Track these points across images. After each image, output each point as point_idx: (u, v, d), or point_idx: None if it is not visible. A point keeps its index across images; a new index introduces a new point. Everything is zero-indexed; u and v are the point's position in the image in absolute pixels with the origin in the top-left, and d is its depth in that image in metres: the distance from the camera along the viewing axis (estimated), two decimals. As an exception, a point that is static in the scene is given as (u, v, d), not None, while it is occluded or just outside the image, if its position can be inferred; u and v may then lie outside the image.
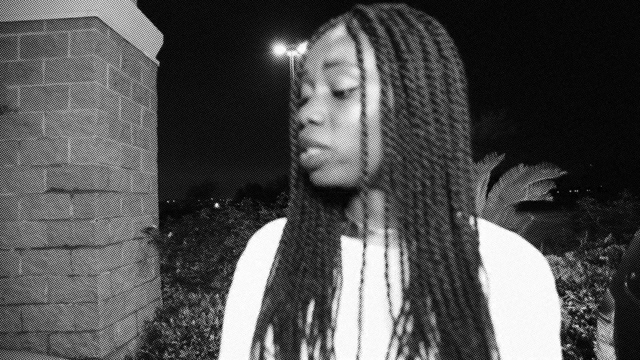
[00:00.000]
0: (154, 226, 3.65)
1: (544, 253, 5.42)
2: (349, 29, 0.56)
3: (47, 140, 2.82)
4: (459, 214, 0.52)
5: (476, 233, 0.53)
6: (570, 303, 3.49)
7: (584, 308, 3.42)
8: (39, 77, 2.83)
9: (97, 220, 2.80)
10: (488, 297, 0.51)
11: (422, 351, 0.50)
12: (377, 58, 0.53)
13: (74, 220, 2.79)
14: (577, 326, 3.33)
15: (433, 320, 0.50)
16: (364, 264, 0.55)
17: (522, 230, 3.71)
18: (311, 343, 0.56)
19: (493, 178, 3.95)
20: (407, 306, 0.52)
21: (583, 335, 3.28)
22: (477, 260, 0.52)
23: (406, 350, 0.51)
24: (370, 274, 0.58)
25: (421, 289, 0.51)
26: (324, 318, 0.57)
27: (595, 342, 2.73)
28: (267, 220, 4.49)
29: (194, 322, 3.31)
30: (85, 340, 2.75)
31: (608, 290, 2.31)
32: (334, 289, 0.58)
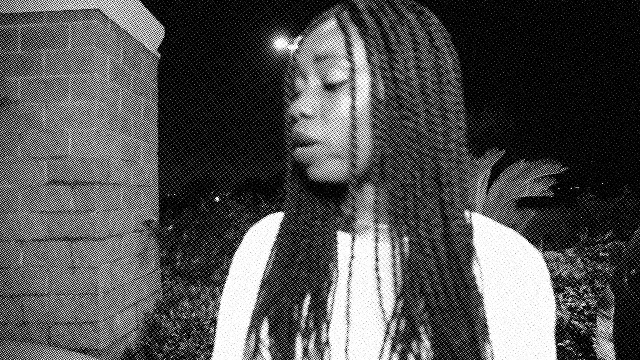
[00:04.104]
0: (155, 219, 3.65)
1: (544, 249, 5.42)
2: (339, 21, 0.55)
3: (47, 133, 2.82)
4: (450, 206, 0.52)
5: (469, 226, 0.53)
6: (569, 299, 3.49)
7: (584, 304, 3.43)
8: (40, 69, 2.82)
9: (97, 213, 2.80)
10: (481, 290, 0.51)
11: (414, 345, 0.50)
12: (367, 50, 0.53)
13: (74, 213, 2.79)
14: (576, 322, 3.33)
15: (425, 315, 0.50)
16: (352, 257, 0.55)
17: (522, 226, 3.71)
18: (306, 336, 0.56)
19: (494, 174, 3.95)
20: (399, 303, 0.52)
21: (582, 331, 3.28)
22: (469, 253, 0.52)
23: (399, 346, 0.51)
24: (362, 267, 0.58)
25: (411, 282, 0.51)
26: (319, 311, 0.57)
27: (594, 338, 2.74)
28: (267, 214, 4.50)
29: (193, 314, 3.32)
30: (85, 332, 2.77)
31: (608, 286, 2.31)
32: (329, 283, 0.58)
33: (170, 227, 4.09)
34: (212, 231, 4.41)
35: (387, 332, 0.52)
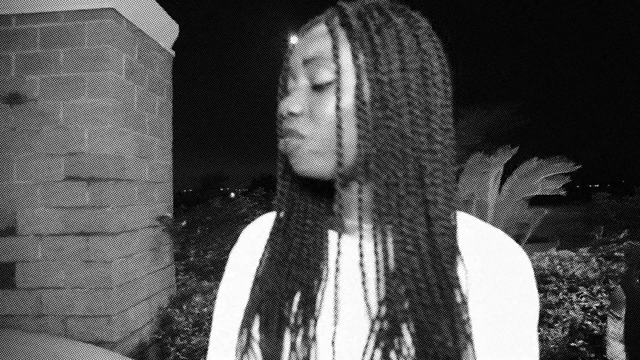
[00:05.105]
0: (169, 214, 3.70)
1: (558, 248, 5.34)
2: (329, 25, 0.57)
3: (64, 130, 2.88)
4: (434, 206, 0.53)
5: (454, 226, 0.54)
6: (583, 299, 3.45)
7: (597, 304, 3.38)
8: (57, 67, 2.89)
9: (111, 208, 2.86)
10: (465, 289, 0.52)
11: (396, 342, 0.52)
12: (353, 52, 0.54)
13: (90, 208, 2.85)
14: (589, 322, 3.29)
15: (407, 313, 0.52)
16: (338, 253, 0.57)
17: (534, 224, 3.68)
18: (294, 331, 0.58)
19: (506, 171, 3.91)
20: (382, 297, 0.53)
21: (595, 331, 3.24)
22: (453, 252, 0.53)
23: (382, 343, 0.52)
24: (349, 266, 0.60)
25: (395, 280, 0.52)
26: (308, 308, 0.59)
27: (606, 339, 2.71)
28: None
29: (205, 309, 3.37)
30: (100, 325, 2.83)
31: (619, 286, 2.28)
32: (319, 281, 0.60)
33: (183, 223, 4.15)
34: (225, 227, 4.46)
35: (372, 329, 0.54)
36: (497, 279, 0.56)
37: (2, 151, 2.90)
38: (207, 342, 3.09)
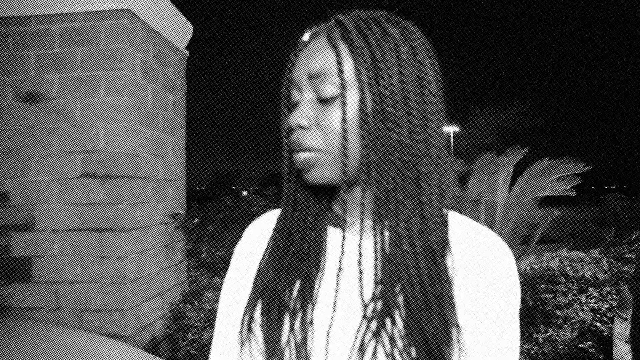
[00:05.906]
0: (181, 212, 3.76)
1: (570, 249, 5.31)
2: (330, 39, 0.60)
3: (80, 128, 2.95)
4: (428, 206, 0.57)
5: (445, 223, 0.59)
6: (592, 300, 3.44)
7: (607, 306, 3.37)
8: (74, 67, 2.96)
9: (126, 205, 2.92)
10: (452, 281, 0.57)
11: (389, 326, 0.56)
12: (355, 67, 0.58)
13: (105, 205, 2.92)
14: (598, 324, 3.28)
15: (400, 300, 0.56)
16: (342, 253, 0.62)
17: (545, 224, 3.66)
18: (293, 316, 0.63)
19: (517, 171, 3.90)
20: (378, 288, 0.58)
21: (604, 333, 3.23)
22: (444, 247, 0.58)
23: (373, 325, 0.57)
24: (347, 258, 0.64)
25: (390, 273, 0.57)
26: (307, 295, 0.64)
27: (612, 339, 2.70)
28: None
29: (216, 305, 3.42)
30: (113, 319, 2.90)
31: (626, 287, 2.28)
32: (317, 271, 0.65)
33: (196, 220, 4.20)
34: (236, 225, 4.50)
35: (365, 312, 0.58)
36: (482, 271, 0.60)
37: (20, 148, 2.98)
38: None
